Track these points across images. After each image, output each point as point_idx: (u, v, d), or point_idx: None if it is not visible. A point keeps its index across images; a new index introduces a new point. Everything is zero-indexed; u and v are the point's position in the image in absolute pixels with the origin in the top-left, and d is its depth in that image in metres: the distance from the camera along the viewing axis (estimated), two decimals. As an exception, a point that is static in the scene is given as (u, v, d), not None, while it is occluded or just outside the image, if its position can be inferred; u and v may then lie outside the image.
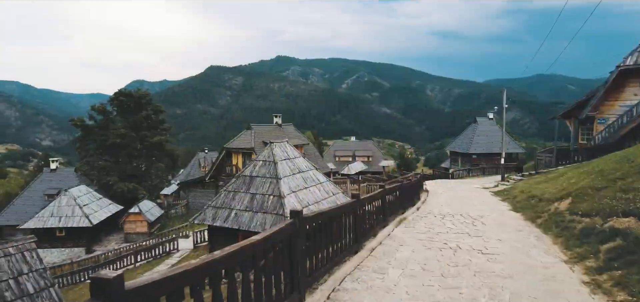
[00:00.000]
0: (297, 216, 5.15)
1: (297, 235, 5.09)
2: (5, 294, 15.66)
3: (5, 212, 44.79)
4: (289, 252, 4.96)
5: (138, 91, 57.38)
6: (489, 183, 29.02)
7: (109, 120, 54.80)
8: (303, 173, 20.85)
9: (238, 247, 3.64)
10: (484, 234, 10.27)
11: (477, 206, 16.72)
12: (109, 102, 56.75)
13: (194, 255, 24.01)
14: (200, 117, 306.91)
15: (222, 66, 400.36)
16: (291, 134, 39.15)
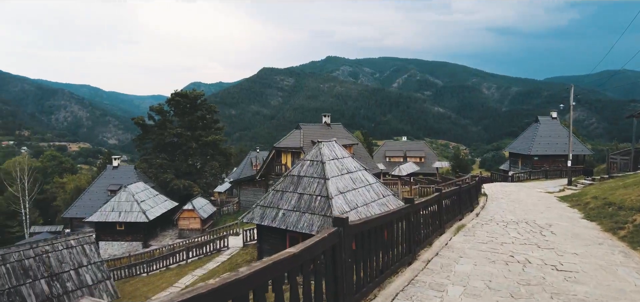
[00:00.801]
0: (343, 224, 4.51)
1: (342, 246, 4.45)
2: (67, 284, 16.37)
3: (74, 205, 48.07)
4: (333, 265, 4.33)
5: (193, 92, 59.39)
6: (553, 187, 26.77)
7: (166, 120, 57.21)
8: (351, 174, 20.16)
9: (270, 262, 3.06)
10: (556, 246, 9.05)
11: (544, 212, 15.19)
12: (166, 103, 59.22)
13: (243, 253, 24.09)
14: (253, 118, 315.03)
15: (274, 68, 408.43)
16: (340, 134, 38.54)
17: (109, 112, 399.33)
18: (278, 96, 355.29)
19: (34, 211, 67.59)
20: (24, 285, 15.26)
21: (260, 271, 2.91)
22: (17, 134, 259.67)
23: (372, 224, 5.42)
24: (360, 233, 5.08)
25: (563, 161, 40.41)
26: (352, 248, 4.87)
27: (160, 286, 22.17)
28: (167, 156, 56.27)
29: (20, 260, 15.78)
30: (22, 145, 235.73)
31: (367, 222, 5.27)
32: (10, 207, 65.53)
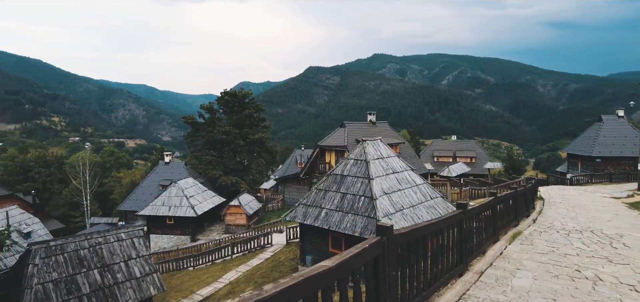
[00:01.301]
0: (386, 233, 4.04)
1: (386, 257, 3.98)
2: (117, 275, 16.98)
3: (128, 199, 50.57)
4: (375, 279, 3.88)
5: (241, 91, 60.56)
6: (619, 192, 24.53)
7: (215, 118, 58.79)
8: (397, 174, 19.44)
9: (300, 279, 2.67)
10: (632, 260, 8.01)
11: (611, 220, 13.77)
12: (216, 102, 60.83)
13: (286, 251, 24.05)
14: (298, 116, 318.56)
15: (320, 66, 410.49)
16: (385, 132, 37.66)
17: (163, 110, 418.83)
18: (324, 95, 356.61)
19: (94, 202, 72.03)
20: (79, 274, 16.01)
21: (288, 290, 2.52)
22: (82, 131, 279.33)
23: (420, 233, 4.90)
24: (406, 243, 4.59)
25: (631, 164, 37.11)
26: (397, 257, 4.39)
27: (206, 281, 22.59)
28: (216, 152, 57.84)
29: (76, 250, 16.58)
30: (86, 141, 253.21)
31: (415, 231, 4.76)
32: (74, 199, 70.25)
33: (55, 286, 15.21)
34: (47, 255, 15.79)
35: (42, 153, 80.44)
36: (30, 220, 40.41)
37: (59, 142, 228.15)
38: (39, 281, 15.01)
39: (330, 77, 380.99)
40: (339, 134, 35.12)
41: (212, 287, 21.26)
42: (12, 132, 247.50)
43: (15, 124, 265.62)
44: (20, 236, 37.66)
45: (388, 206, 17.32)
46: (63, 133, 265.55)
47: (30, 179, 71.95)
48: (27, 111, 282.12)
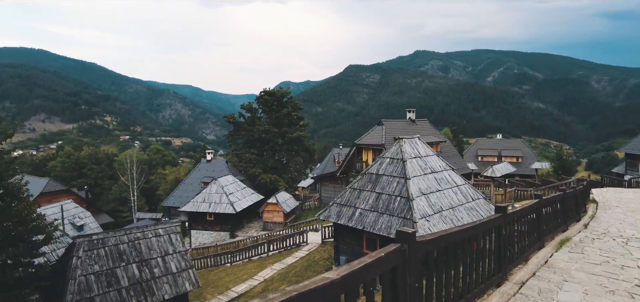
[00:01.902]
0: (407, 240, 3.60)
1: (407, 267, 3.55)
2: (154, 270, 17.36)
3: (172, 195, 52.30)
4: (393, 292, 3.46)
5: (280, 90, 61.07)
6: (688, 196, 22.24)
7: (255, 118, 59.65)
8: (436, 173, 18.64)
9: (293, 293, 2.30)
10: (703, 275, 7.02)
11: (678, 228, 12.38)
12: (255, 101, 61.71)
13: (321, 250, 23.79)
14: (338, 115, 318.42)
15: (360, 65, 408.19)
16: (425, 130, 36.52)
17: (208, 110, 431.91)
18: (363, 93, 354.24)
19: (141, 198, 75.27)
20: (118, 267, 16.51)
21: (277, 308, 2.17)
22: (131, 130, 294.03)
23: (449, 240, 4.41)
24: (433, 251, 4.11)
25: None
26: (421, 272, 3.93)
27: (241, 277, 22.77)
28: (256, 151, 58.69)
29: (116, 244, 17.11)
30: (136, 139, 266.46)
31: (443, 237, 4.26)
32: (122, 194, 73.75)
33: (96, 278, 15.76)
34: (90, 248, 16.40)
35: (94, 151, 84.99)
36: (82, 214, 42.64)
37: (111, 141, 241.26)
38: (82, 272, 15.61)
39: (370, 75, 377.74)
40: (377, 132, 34.43)
41: (247, 284, 21.37)
42: (70, 131, 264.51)
43: (72, 124, 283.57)
44: (74, 228, 39.83)
45: (425, 207, 16.62)
46: (115, 132, 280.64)
47: (83, 175, 76.25)
48: (83, 111, 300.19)
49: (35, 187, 53.93)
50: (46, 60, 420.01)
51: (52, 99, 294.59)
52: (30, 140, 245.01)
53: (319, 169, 66.93)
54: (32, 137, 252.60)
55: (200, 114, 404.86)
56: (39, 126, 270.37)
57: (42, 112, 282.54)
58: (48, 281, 16.07)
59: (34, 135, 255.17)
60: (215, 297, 20.73)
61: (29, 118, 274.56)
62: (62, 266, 16.61)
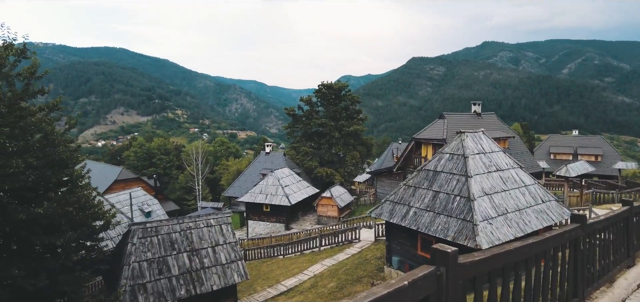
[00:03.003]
0: (445, 261, 2.68)
1: (443, 296, 2.63)
2: (204, 260, 17.46)
3: (232, 186, 53.81)
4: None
5: (338, 83, 60.36)
6: None
7: (313, 111, 59.56)
8: (501, 172, 16.90)
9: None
10: None
11: None
12: (314, 94, 61.60)
13: (374, 248, 22.85)
14: (399, 109, 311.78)
15: (424, 57, 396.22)
16: (492, 125, 33.91)
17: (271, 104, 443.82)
18: (427, 86, 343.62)
19: (206, 187, 78.65)
20: (170, 256, 16.81)
21: None
22: (200, 123, 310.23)
23: (507, 259, 3.38)
24: (482, 275, 3.13)
25: None
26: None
27: (292, 271, 22.48)
28: (313, 144, 58.62)
29: (169, 233, 17.45)
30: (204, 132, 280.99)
31: (495, 257, 3.24)
32: (188, 184, 77.56)
33: (149, 265, 16.15)
34: (144, 236, 16.85)
35: (163, 142, 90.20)
36: (150, 201, 45.09)
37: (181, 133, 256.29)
38: (135, 259, 16.06)
39: (434, 68, 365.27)
40: (438, 126, 32.53)
41: (297, 278, 21.02)
42: (145, 124, 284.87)
43: (147, 116, 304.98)
44: (142, 214, 42.25)
45: (488, 209, 15.08)
46: (185, 125, 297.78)
47: (153, 165, 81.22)
48: (156, 105, 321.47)
49: (110, 174, 58.15)
50: (126, 57, 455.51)
51: (130, 93, 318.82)
52: (111, 131, 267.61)
53: (377, 163, 65.48)
54: (113, 128, 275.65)
55: (264, 108, 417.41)
56: (118, 118, 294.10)
57: (121, 106, 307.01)
58: (107, 264, 16.78)
59: (114, 127, 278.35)
60: (265, 290, 20.60)
61: (111, 111, 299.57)
62: (120, 251, 17.25)
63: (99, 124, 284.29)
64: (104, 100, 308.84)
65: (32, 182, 13.18)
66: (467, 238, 14.12)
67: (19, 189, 12.43)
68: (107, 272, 17.29)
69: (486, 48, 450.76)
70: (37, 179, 13.32)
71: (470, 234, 14.13)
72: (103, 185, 53.16)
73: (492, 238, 14.10)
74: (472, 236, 14.02)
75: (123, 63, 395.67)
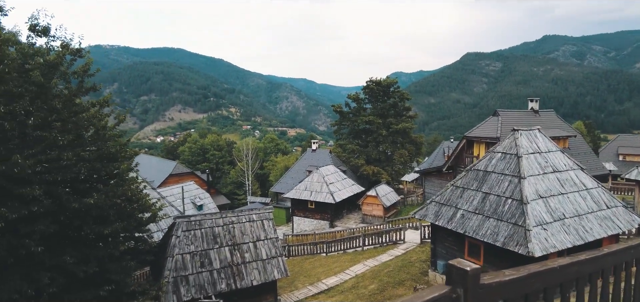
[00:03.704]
0: (463, 281, 2.21)
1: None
2: (245, 255, 17.58)
3: (279, 182, 54.46)
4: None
5: (386, 79, 59.17)
6: None
7: (360, 108, 58.85)
8: (559, 173, 15.53)
9: None
10: None
11: None
12: (361, 91, 60.82)
13: (419, 250, 22.01)
14: (452, 106, 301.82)
15: (479, 52, 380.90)
16: (550, 123, 31.57)
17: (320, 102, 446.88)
18: (482, 83, 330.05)
19: (255, 183, 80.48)
20: (212, 249, 17.08)
21: None
22: (252, 120, 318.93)
23: (546, 280, 2.80)
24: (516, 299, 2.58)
25: None
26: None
27: (334, 270, 22.18)
28: (360, 142, 57.97)
29: (211, 227, 17.75)
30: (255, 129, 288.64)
31: (533, 277, 2.67)
32: (238, 179, 79.75)
33: (191, 258, 16.50)
34: (188, 229, 17.26)
35: (216, 138, 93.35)
36: (203, 194, 46.65)
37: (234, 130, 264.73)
38: (179, 251, 16.47)
39: (490, 63, 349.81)
40: (491, 123, 30.78)
41: (338, 277, 20.69)
42: (200, 121, 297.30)
43: (203, 114, 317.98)
44: (194, 207, 43.79)
45: (543, 213, 13.89)
46: (238, 122, 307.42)
47: (206, 160, 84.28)
48: (211, 103, 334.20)
49: (166, 168, 60.90)
50: (183, 57, 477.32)
51: (186, 92, 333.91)
52: (169, 127, 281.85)
53: (427, 162, 63.57)
54: (171, 125, 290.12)
55: (313, 106, 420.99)
56: (176, 115, 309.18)
57: (179, 104, 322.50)
58: (153, 255, 17.37)
59: (172, 124, 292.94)
60: (306, 287, 20.46)
61: (169, 108, 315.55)
62: (165, 243, 17.80)
63: (158, 120, 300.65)
64: (162, 98, 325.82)
65: (84, 175, 13.85)
66: (519, 244, 13.07)
67: (71, 180, 13.08)
68: (153, 263, 17.91)
69: (547, 42, 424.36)
70: (89, 171, 13.94)
71: (522, 240, 13.07)
72: (159, 179, 55.83)
73: (546, 245, 12.96)
74: (523, 242, 12.96)
75: (180, 63, 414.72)
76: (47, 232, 11.96)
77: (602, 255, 3.46)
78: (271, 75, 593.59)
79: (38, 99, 12.96)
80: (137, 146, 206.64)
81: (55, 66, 13.76)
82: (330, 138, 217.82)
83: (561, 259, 2.90)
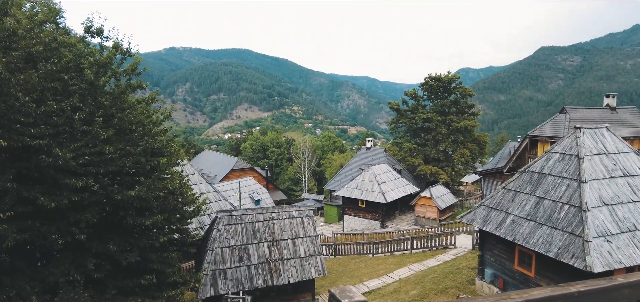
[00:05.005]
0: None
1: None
2: (283, 251, 17.53)
3: (333, 179, 54.31)
4: None
5: (447, 75, 56.61)
6: None
7: (418, 105, 56.84)
8: (630, 177, 13.62)
9: None
10: None
11: None
12: (420, 87, 58.75)
13: (470, 256, 20.62)
14: (524, 104, 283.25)
15: (555, 46, 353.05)
16: (629, 121, 28.03)
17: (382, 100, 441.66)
18: (558, 79, 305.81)
19: (312, 179, 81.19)
20: (251, 244, 17.22)
21: None
22: (314, 118, 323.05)
23: None
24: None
25: None
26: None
27: (378, 272, 21.48)
28: (418, 140, 56.05)
29: (252, 222, 17.90)
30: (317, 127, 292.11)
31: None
32: (296, 175, 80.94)
33: (231, 252, 16.75)
34: (229, 223, 17.54)
35: (276, 136, 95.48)
36: (260, 190, 47.88)
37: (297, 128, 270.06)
38: (219, 244, 16.79)
39: (567, 58, 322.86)
40: (557, 121, 28.06)
41: (381, 280, 19.98)
42: (265, 119, 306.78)
43: (267, 112, 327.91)
44: (252, 201, 45.05)
45: (607, 223, 12.24)
46: (300, 120, 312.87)
47: (266, 157, 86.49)
48: (275, 102, 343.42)
49: (228, 164, 63.45)
50: (250, 58, 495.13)
51: (253, 91, 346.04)
52: (236, 125, 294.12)
53: (491, 163, 59.93)
54: (238, 123, 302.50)
55: (374, 104, 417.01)
56: (243, 114, 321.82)
57: (245, 102, 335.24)
58: (194, 247, 17.92)
59: (239, 122, 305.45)
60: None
61: (236, 107, 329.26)
62: (207, 236, 18.26)
63: (226, 118, 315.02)
64: (230, 97, 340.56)
65: (129, 168, 14.53)
66: (575, 257, 11.61)
67: (116, 172, 13.76)
68: (197, 255, 18.48)
69: (637, 32, 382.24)
70: (133, 164, 14.59)
71: (579, 252, 11.59)
72: (221, 173, 58.37)
73: (609, 260, 11.38)
74: (581, 254, 11.48)
75: (247, 63, 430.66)
76: (92, 221, 12.70)
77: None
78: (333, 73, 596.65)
79: (88, 95, 13.80)
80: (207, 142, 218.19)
81: (105, 65, 14.59)
82: (392, 136, 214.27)
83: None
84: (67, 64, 13.12)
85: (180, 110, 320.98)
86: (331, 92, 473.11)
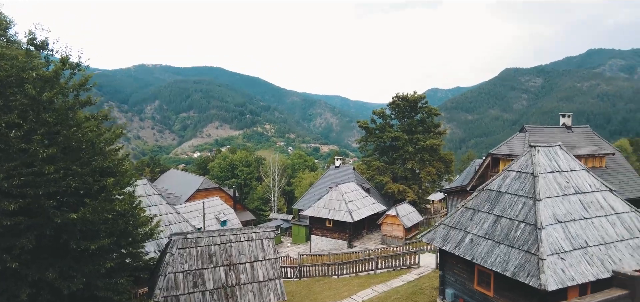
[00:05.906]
0: None
1: None
2: (241, 276, 16.79)
3: (301, 199, 53.77)
4: None
5: (413, 95, 57.65)
6: None
7: (386, 124, 57.46)
8: (582, 195, 13.86)
9: None
10: None
11: None
12: (388, 106, 59.50)
13: (433, 276, 20.50)
14: (491, 123, 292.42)
15: (519, 68, 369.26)
16: (584, 140, 29.10)
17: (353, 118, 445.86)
18: (522, 99, 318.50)
19: (281, 199, 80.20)
20: (206, 269, 16.41)
21: None
22: (286, 137, 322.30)
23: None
24: None
25: None
26: None
27: (341, 294, 21.00)
28: (387, 158, 56.48)
29: (208, 245, 17.12)
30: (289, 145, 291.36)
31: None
32: (265, 195, 79.78)
33: (184, 277, 15.88)
34: (184, 246, 16.70)
35: (245, 154, 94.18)
36: (227, 210, 46.60)
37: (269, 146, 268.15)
38: (172, 269, 15.89)
39: (530, 79, 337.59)
40: (517, 140, 28.80)
41: (343, 303, 19.50)
42: (236, 137, 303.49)
43: (239, 130, 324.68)
44: (218, 222, 43.73)
45: (560, 240, 12.33)
46: (272, 139, 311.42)
47: (235, 176, 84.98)
48: (247, 120, 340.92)
49: (194, 183, 61.73)
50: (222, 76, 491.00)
51: (224, 109, 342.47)
52: (206, 144, 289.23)
53: (458, 180, 60.82)
54: (208, 141, 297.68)
55: (346, 123, 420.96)
56: (213, 132, 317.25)
57: (217, 120, 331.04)
58: (147, 273, 16.94)
59: (209, 140, 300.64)
60: (309, 312, 19.41)
61: (207, 125, 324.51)
62: (160, 260, 17.34)
63: (196, 136, 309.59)
64: (201, 115, 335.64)
65: (74, 188, 13.56)
66: (530, 275, 11.59)
67: (55, 193, 12.79)
68: (149, 281, 17.48)
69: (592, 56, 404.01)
70: (80, 185, 13.64)
71: (534, 270, 11.58)
72: (187, 193, 56.62)
73: (562, 278, 11.41)
74: (536, 272, 11.47)
75: (218, 81, 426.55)
76: (27, 246, 11.72)
77: None
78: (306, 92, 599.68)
79: (30, 111, 12.89)
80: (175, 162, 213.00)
81: (50, 80, 13.72)
82: (362, 155, 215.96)
83: None
84: (5, 78, 12.27)
85: (149, 128, 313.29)
86: (304, 111, 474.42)
